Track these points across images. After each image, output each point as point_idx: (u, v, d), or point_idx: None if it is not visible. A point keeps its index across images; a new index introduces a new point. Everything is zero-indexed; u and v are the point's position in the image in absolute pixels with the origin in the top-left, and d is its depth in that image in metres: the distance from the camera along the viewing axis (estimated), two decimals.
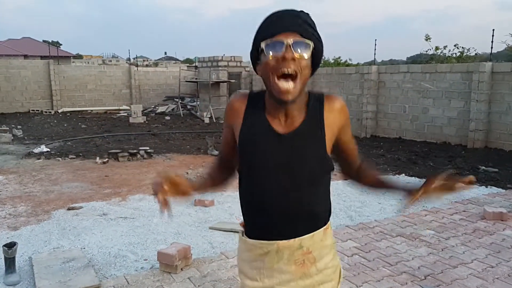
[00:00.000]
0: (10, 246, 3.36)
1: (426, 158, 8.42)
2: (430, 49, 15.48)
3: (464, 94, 9.76)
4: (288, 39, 1.23)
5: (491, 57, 11.05)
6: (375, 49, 13.31)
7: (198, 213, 4.95)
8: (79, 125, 13.79)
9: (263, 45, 1.26)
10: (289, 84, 1.25)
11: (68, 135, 11.58)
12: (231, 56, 16.66)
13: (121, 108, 18.79)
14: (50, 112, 17.18)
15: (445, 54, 15.30)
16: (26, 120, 14.92)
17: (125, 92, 19.58)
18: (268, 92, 1.34)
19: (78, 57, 50.63)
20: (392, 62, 27.12)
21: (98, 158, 8.10)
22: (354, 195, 5.75)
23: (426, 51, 15.73)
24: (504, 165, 7.56)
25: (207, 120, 15.08)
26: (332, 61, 19.39)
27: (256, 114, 1.39)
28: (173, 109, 18.28)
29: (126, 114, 16.91)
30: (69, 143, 10.28)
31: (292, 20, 1.26)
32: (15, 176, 6.81)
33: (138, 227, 4.53)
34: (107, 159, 7.99)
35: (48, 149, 9.10)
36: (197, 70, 18.53)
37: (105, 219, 4.79)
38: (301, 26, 1.26)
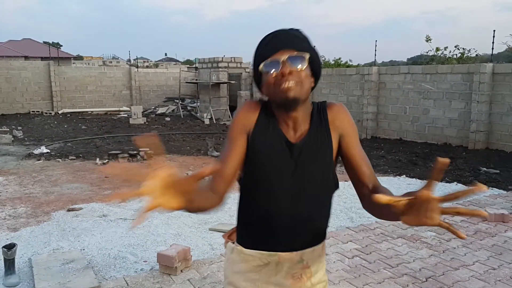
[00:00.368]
0: (10, 247, 3.35)
1: (427, 159, 8.41)
2: (431, 50, 15.49)
3: (465, 95, 9.75)
4: (283, 56, 1.29)
5: (492, 58, 11.04)
6: (376, 50, 13.33)
7: (198, 214, 4.93)
8: (79, 126, 13.79)
9: (262, 67, 1.33)
10: (291, 83, 1.28)
11: (68, 136, 11.57)
12: (231, 57, 16.65)
13: (121, 109, 18.80)
14: (50, 113, 17.18)
15: (445, 55, 15.30)
16: (27, 121, 14.92)
17: (125, 93, 19.58)
18: (275, 105, 1.37)
19: (79, 58, 50.66)
20: (392, 63, 27.13)
21: (98, 159, 8.09)
22: (355, 196, 5.70)
23: (427, 52, 15.73)
24: (505, 166, 7.54)
25: (207, 121, 15.07)
26: (333, 62, 19.38)
27: (269, 123, 1.39)
28: (173, 110, 18.28)
29: (126, 115, 16.91)
30: (69, 144, 10.27)
31: (284, 38, 1.32)
32: (15, 177, 6.80)
33: (137, 228, 4.51)
34: (107, 160, 7.98)
35: (48, 150, 9.09)
36: (197, 71, 18.53)
37: (105, 220, 4.78)
38: (293, 41, 1.32)
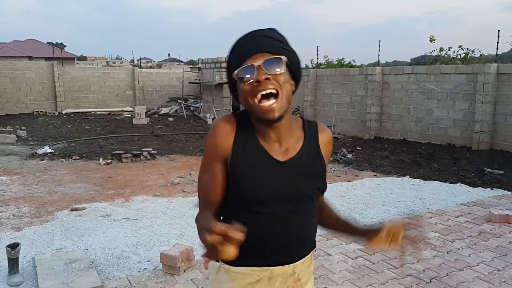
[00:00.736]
0: (14, 246, 3.35)
1: (431, 159, 8.37)
2: (435, 50, 15.44)
3: (469, 95, 9.71)
4: (257, 61, 1.18)
5: (496, 58, 10.98)
6: (379, 50, 13.26)
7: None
8: (82, 126, 13.82)
9: (236, 74, 1.22)
10: (270, 102, 1.18)
11: (72, 136, 11.60)
12: None
13: (124, 109, 18.83)
14: (54, 113, 17.23)
15: (449, 55, 15.24)
16: (30, 121, 14.97)
17: (128, 94, 19.62)
18: (253, 118, 1.27)
19: (82, 58, 50.80)
20: (396, 64, 27.07)
21: (101, 159, 8.10)
22: (358, 197, 5.72)
23: (431, 53, 15.68)
24: (510, 167, 7.50)
25: (210, 121, 15.08)
26: (336, 62, 19.34)
27: (248, 139, 1.28)
28: (176, 111, 18.29)
29: (129, 115, 16.94)
30: (73, 144, 10.29)
31: (258, 41, 1.22)
32: (19, 177, 6.82)
33: (141, 228, 4.52)
34: (110, 160, 7.99)
35: (52, 150, 9.11)
36: (200, 72, 18.54)
37: (108, 220, 4.78)
38: (268, 44, 1.21)
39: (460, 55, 15.07)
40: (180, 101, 18.78)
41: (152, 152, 8.52)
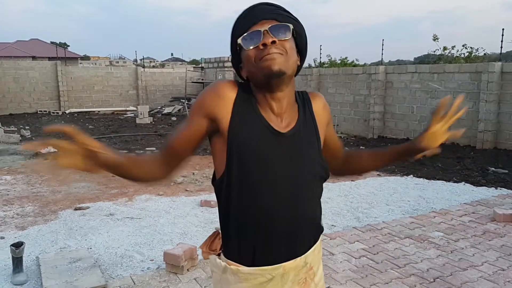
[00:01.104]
0: (18, 245, 3.36)
1: (434, 159, 8.34)
2: (438, 49, 15.36)
3: (473, 94, 9.67)
4: (264, 27, 1.16)
5: (500, 57, 10.94)
6: (383, 49, 13.24)
7: (204, 213, 4.93)
8: (86, 125, 13.85)
9: (240, 41, 1.18)
10: (275, 54, 1.14)
11: None
12: None
13: (128, 109, 18.86)
14: (57, 112, 17.28)
15: (453, 54, 15.18)
16: (34, 120, 15.02)
17: (132, 93, 19.65)
18: (257, 86, 1.21)
19: (86, 58, 50.93)
20: (399, 63, 27.00)
21: None
22: (362, 196, 5.71)
23: (434, 51, 15.61)
24: None
25: None
26: (339, 61, 19.30)
27: (249, 108, 1.21)
28: (179, 110, 18.31)
29: (133, 115, 16.96)
30: None
31: (263, 9, 1.19)
32: (22, 176, 6.84)
33: (144, 227, 4.52)
34: None
35: (56, 150, 9.13)
36: (203, 71, 18.56)
37: (112, 219, 4.79)
38: (274, 12, 1.19)
39: (464, 54, 15.00)
40: (183, 100, 18.79)
41: (155, 151, 8.53)
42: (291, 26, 1.19)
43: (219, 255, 1.31)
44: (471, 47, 14.87)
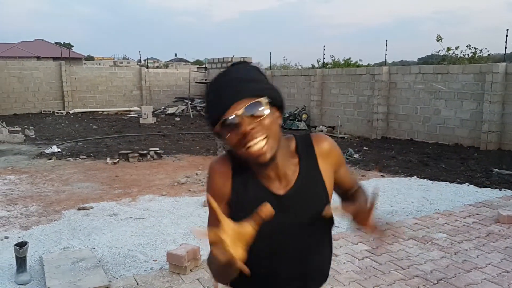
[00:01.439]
0: (21, 245, 3.38)
1: (438, 160, 8.32)
2: (442, 50, 15.34)
3: (477, 95, 9.63)
4: (238, 109, 1.10)
5: (505, 58, 10.89)
6: (386, 50, 13.18)
7: (207, 214, 4.93)
8: (90, 126, 13.89)
9: (218, 129, 1.16)
10: (259, 145, 1.12)
11: (79, 135, 11.66)
12: (240, 58, 16.67)
13: (131, 109, 18.90)
14: (61, 113, 17.34)
15: (457, 55, 15.14)
16: (38, 120, 15.08)
17: (135, 93, 19.69)
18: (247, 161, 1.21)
19: (90, 58, 51.08)
20: (403, 63, 26.92)
21: (108, 158, 8.14)
22: None
23: (438, 52, 15.59)
24: None
25: None
26: (342, 62, 19.29)
27: (247, 177, 1.23)
28: (183, 110, 18.34)
29: (136, 115, 17.00)
30: (80, 143, 10.35)
31: (234, 87, 1.13)
32: (26, 176, 6.87)
33: (147, 227, 4.53)
34: (117, 160, 8.02)
35: (60, 150, 9.17)
36: (206, 72, 18.58)
37: (115, 219, 4.80)
38: (245, 89, 1.13)
39: (468, 54, 14.97)
40: (187, 101, 18.82)
41: (158, 151, 8.55)
42: (265, 100, 1.13)
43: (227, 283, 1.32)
44: (475, 48, 14.83)
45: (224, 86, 1.15)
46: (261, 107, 1.12)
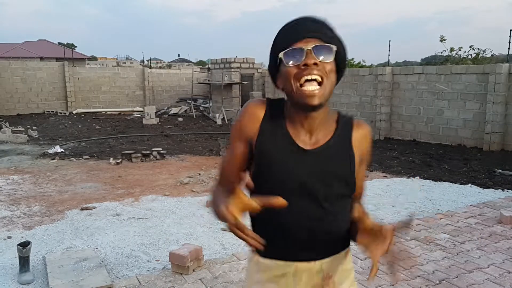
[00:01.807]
0: (24, 245, 3.39)
1: (441, 160, 8.31)
2: (445, 51, 15.33)
3: (480, 95, 9.61)
4: (308, 45, 1.15)
5: (508, 58, 10.86)
6: (389, 50, 13.20)
7: (210, 214, 4.94)
8: (93, 126, 13.93)
9: (282, 56, 1.18)
10: (313, 87, 1.15)
11: (82, 136, 11.70)
12: (243, 58, 16.67)
13: (134, 109, 18.95)
14: (64, 113, 17.39)
15: (460, 55, 15.13)
16: (41, 121, 15.13)
17: (138, 94, 19.74)
18: (291, 103, 1.24)
19: (93, 59, 51.23)
20: (406, 64, 26.90)
21: (111, 158, 8.16)
22: (368, 198, 5.69)
23: (441, 53, 15.59)
24: None
25: (219, 122, 15.10)
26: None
27: (277, 125, 1.26)
28: (185, 111, 18.37)
29: (139, 115, 17.03)
30: (83, 143, 10.38)
31: (309, 26, 1.18)
32: (30, 176, 6.89)
33: (150, 227, 4.55)
34: (120, 160, 8.05)
35: (63, 150, 9.20)
36: (209, 72, 18.60)
37: (118, 219, 4.82)
38: (320, 30, 1.18)
39: (471, 55, 14.95)
40: (190, 101, 18.84)
41: (161, 152, 8.56)
42: (334, 48, 1.18)
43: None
44: (478, 48, 14.83)
45: (302, 22, 1.19)
46: (329, 53, 1.17)
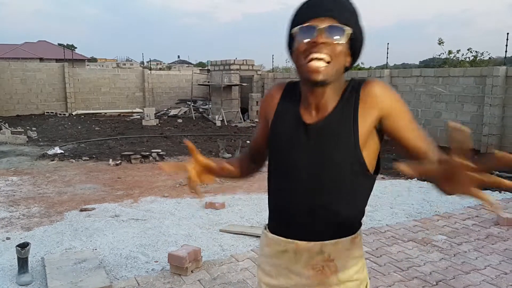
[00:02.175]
0: (23, 246, 3.40)
1: None
2: (443, 53, 15.40)
3: (478, 98, 9.65)
4: (322, 24, 1.14)
5: (505, 61, 10.91)
6: (388, 52, 13.22)
7: (209, 215, 4.97)
8: (92, 127, 13.95)
9: (296, 30, 1.19)
10: (319, 63, 1.14)
11: (82, 137, 11.71)
12: (243, 60, 16.71)
13: (134, 110, 18.97)
14: (64, 114, 17.41)
15: (458, 58, 15.17)
16: (41, 122, 15.14)
17: (138, 95, 19.76)
18: (300, 79, 1.25)
19: (93, 60, 51.24)
20: (404, 66, 26.94)
21: (111, 160, 8.18)
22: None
23: (439, 55, 15.64)
24: None
25: (218, 123, 15.12)
26: None
27: (290, 105, 1.30)
28: (185, 112, 18.39)
29: (139, 116, 17.05)
30: (83, 145, 10.40)
31: (327, 4, 1.16)
32: (29, 177, 6.91)
33: (149, 229, 4.56)
34: (120, 161, 8.06)
35: (62, 151, 9.21)
36: (209, 74, 18.63)
37: (117, 220, 4.84)
38: (337, 10, 1.16)
39: (469, 58, 15.00)
40: (189, 102, 18.86)
41: (161, 153, 8.58)
42: (348, 31, 1.16)
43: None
44: (476, 51, 14.88)
45: (319, 0, 1.19)
46: (342, 34, 1.16)
